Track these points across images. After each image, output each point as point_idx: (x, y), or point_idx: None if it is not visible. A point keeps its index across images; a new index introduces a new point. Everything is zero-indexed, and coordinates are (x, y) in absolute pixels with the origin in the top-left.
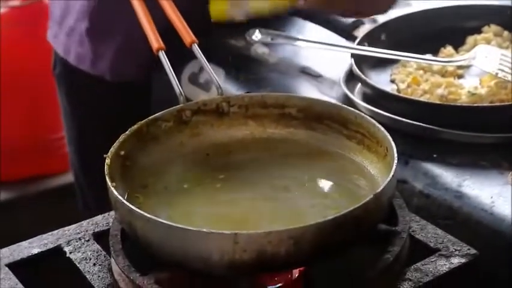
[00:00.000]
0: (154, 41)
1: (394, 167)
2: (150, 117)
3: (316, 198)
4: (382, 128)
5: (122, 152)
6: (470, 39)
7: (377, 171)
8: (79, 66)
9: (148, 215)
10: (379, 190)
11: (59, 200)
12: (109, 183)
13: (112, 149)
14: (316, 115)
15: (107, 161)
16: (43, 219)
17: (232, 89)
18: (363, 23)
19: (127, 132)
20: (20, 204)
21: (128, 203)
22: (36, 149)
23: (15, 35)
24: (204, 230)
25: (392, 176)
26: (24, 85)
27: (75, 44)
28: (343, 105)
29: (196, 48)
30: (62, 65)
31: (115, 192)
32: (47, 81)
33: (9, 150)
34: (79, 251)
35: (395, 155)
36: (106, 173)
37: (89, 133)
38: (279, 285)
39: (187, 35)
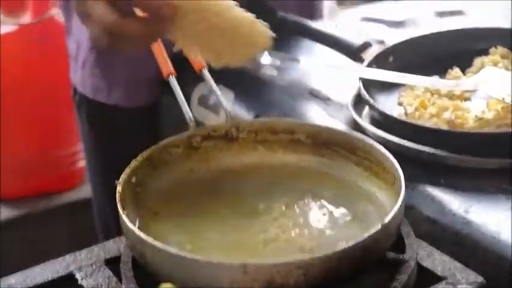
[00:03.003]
0: (165, 66)
1: (401, 196)
2: (160, 144)
3: (324, 226)
4: (390, 155)
5: (133, 179)
6: (477, 61)
7: (385, 198)
8: (96, 98)
9: (159, 245)
10: (387, 220)
11: (69, 217)
12: (120, 211)
13: (123, 176)
14: (324, 141)
15: (118, 188)
16: (54, 235)
17: (241, 112)
18: (370, 45)
19: (138, 158)
20: (30, 220)
21: (138, 232)
22: (47, 165)
23: (26, 52)
24: (214, 260)
25: (400, 205)
26: (35, 102)
27: (89, 77)
28: (352, 132)
29: (206, 74)
30: (81, 97)
31: (126, 221)
32: (58, 97)
33: (19, 166)
34: (91, 277)
35: (403, 183)
36: (117, 200)
37: (110, 158)
38: None
39: (196, 60)
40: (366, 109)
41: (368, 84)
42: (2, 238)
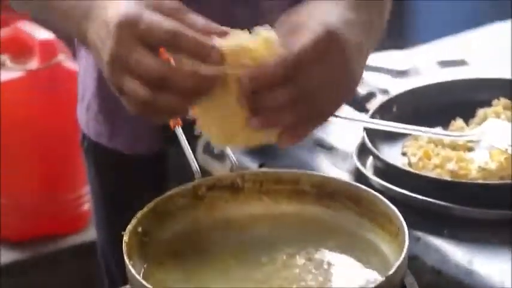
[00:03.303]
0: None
1: (405, 248)
2: (166, 194)
3: (328, 276)
4: (394, 207)
5: (139, 229)
6: (480, 112)
7: (389, 249)
8: (98, 141)
9: None
10: (391, 272)
11: (74, 260)
12: (127, 260)
13: (129, 226)
14: (329, 192)
15: (125, 238)
16: (58, 279)
17: (245, 160)
18: (375, 95)
19: (144, 209)
20: (34, 263)
21: (144, 282)
22: (52, 208)
23: (33, 98)
24: None
25: (404, 257)
26: (41, 145)
27: (92, 120)
28: (356, 184)
29: None
30: (88, 140)
31: (132, 270)
32: (65, 141)
33: (23, 208)
34: None
35: (407, 235)
36: (124, 250)
37: (115, 203)
38: None
39: None
40: (370, 159)
41: (372, 133)
42: (4, 282)
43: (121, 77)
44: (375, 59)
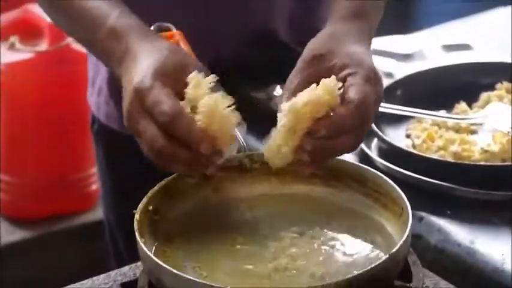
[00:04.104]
0: None
1: (408, 227)
2: (176, 174)
3: (333, 254)
4: (398, 188)
5: (150, 207)
6: (484, 96)
7: (393, 229)
8: (109, 124)
9: (176, 271)
10: (394, 250)
11: (83, 238)
12: (138, 238)
13: (141, 205)
14: (335, 173)
15: (136, 216)
16: (68, 256)
17: (253, 143)
18: None
19: (155, 188)
20: (44, 242)
21: (156, 259)
22: (62, 188)
23: (42, 79)
24: (229, 287)
25: (407, 236)
26: (51, 126)
27: (104, 104)
28: (361, 165)
29: None
30: (98, 123)
31: (144, 248)
32: (73, 121)
33: (33, 188)
34: None
35: (410, 215)
36: (135, 228)
37: (125, 188)
38: None
39: None
40: (375, 141)
41: (377, 116)
42: (16, 259)
43: (135, 132)
44: (380, 43)
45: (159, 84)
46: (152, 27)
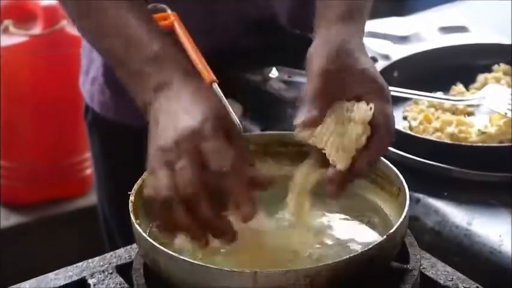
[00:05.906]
0: (207, 73)
1: (406, 208)
2: None
3: (331, 235)
4: (395, 169)
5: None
6: (480, 78)
7: (390, 210)
8: (102, 113)
9: (171, 252)
10: (392, 231)
11: (78, 223)
12: (133, 219)
13: (135, 187)
14: None
15: (131, 198)
16: (63, 241)
17: (249, 125)
18: (376, 61)
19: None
20: (39, 227)
21: (151, 240)
22: (56, 173)
23: (36, 62)
24: (226, 268)
25: (405, 217)
26: (44, 110)
27: (98, 93)
28: None
29: (216, 88)
30: (92, 112)
31: (139, 229)
32: (66, 106)
33: (28, 173)
34: (103, 284)
35: (408, 196)
36: (130, 210)
37: (119, 177)
38: None
39: (207, 74)
40: None
41: None
42: (12, 244)
43: (167, 162)
44: (376, 25)
45: (222, 135)
46: (148, 8)
